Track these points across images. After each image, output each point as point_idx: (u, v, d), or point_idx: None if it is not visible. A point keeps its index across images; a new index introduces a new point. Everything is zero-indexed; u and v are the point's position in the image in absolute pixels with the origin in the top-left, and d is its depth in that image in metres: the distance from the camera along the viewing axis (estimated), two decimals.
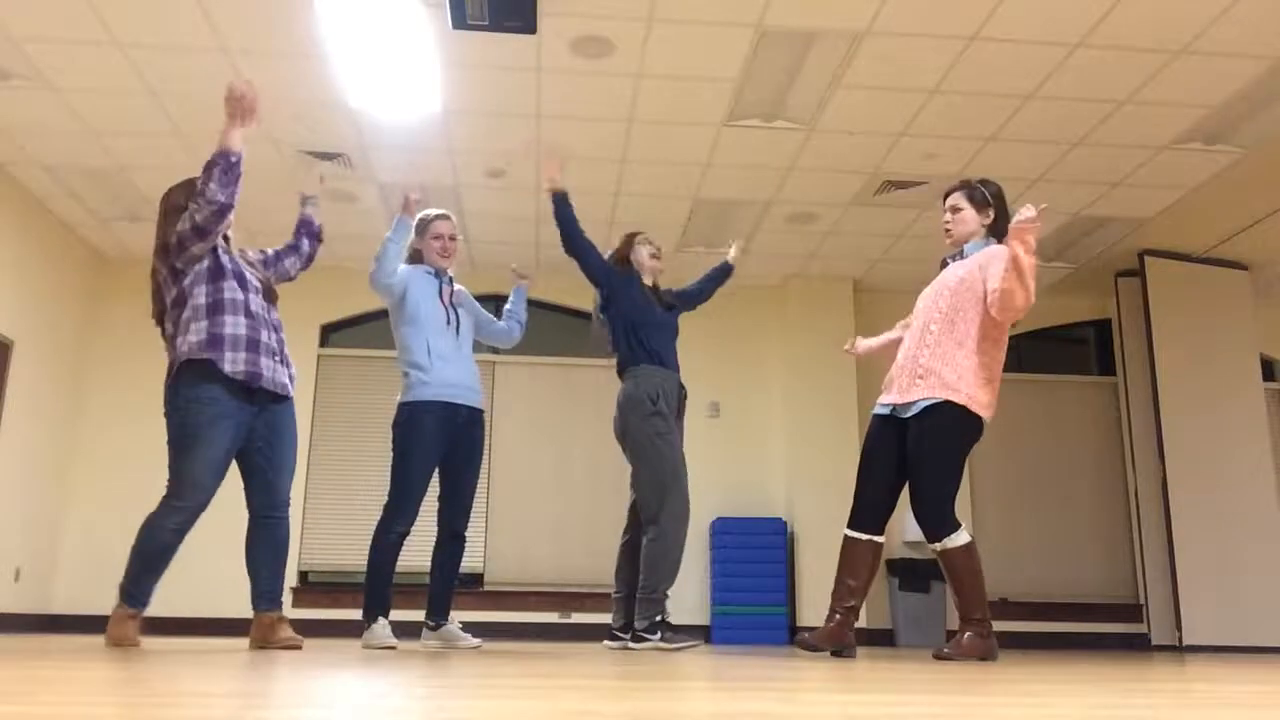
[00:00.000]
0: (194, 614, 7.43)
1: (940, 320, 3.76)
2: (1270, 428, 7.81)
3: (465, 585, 7.85)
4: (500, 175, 6.69)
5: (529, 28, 4.89)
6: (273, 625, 3.62)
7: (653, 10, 4.90)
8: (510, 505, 8.12)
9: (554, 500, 8.16)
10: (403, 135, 6.16)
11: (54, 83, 5.58)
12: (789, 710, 1.33)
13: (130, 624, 3.47)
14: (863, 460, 3.86)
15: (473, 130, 6.10)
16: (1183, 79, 5.40)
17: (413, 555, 7.87)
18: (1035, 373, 8.74)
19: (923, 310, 3.87)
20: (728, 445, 8.25)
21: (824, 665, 2.96)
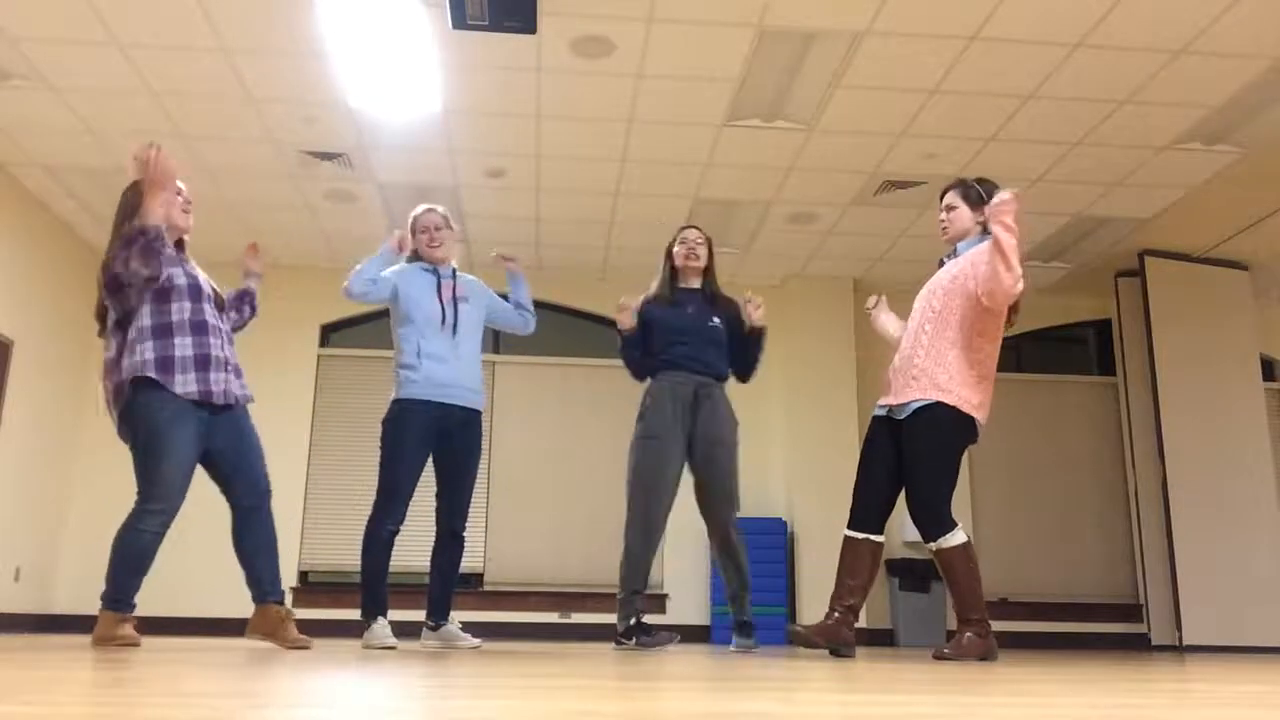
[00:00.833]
0: (194, 614, 7.44)
1: (933, 320, 3.77)
2: (1270, 428, 7.81)
3: (465, 585, 7.85)
4: (500, 175, 6.69)
5: (529, 28, 4.89)
6: (282, 621, 3.60)
7: (653, 10, 4.90)
8: (510, 505, 8.11)
9: (554, 500, 8.16)
10: (403, 135, 6.16)
11: (54, 83, 5.58)
12: (789, 710, 1.33)
13: (124, 624, 3.47)
14: (862, 461, 3.88)
15: (473, 130, 6.11)
16: (1183, 79, 5.40)
17: (413, 555, 7.88)
18: (1035, 373, 8.74)
19: (918, 311, 3.88)
20: None
21: (824, 665, 2.96)
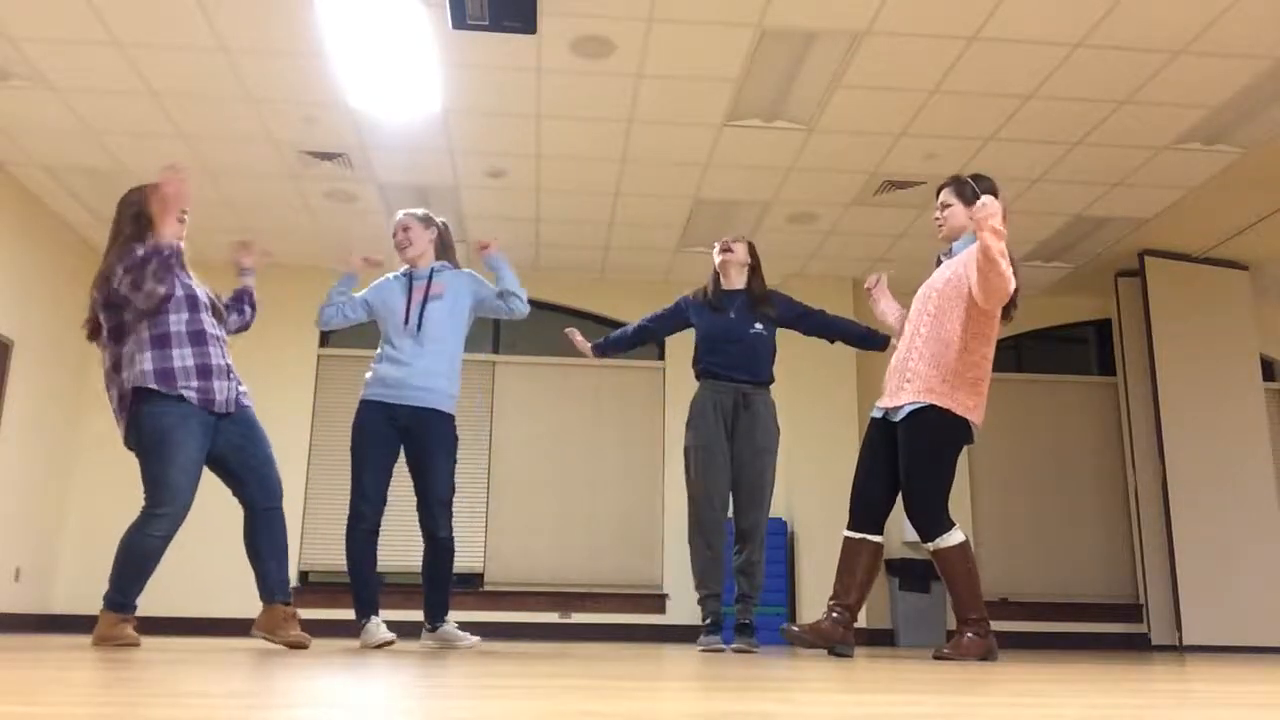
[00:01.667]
0: (194, 614, 7.44)
1: (928, 322, 3.78)
2: (1270, 428, 7.81)
3: (465, 585, 7.85)
4: (500, 175, 6.69)
5: (529, 28, 4.89)
6: (287, 619, 3.65)
7: (653, 10, 4.90)
8: (510, 505, 8.11)
9: (554, 500, 8.16)
10: (403, 135, 6.16)
11: (54, 83, 5.58)
12: (789, 710, 1.33)
13: (124, 625, 3.48)
14: (860, 463, 3.89)
15: (473, 130, 6.10)
16: (1183, 79, 5.40)
17: (413, 556, 7.86)
18: (1035, 373, 8.74)
19: (915, 312, 3.90)
20: None
21: (824, 665, 2.96)
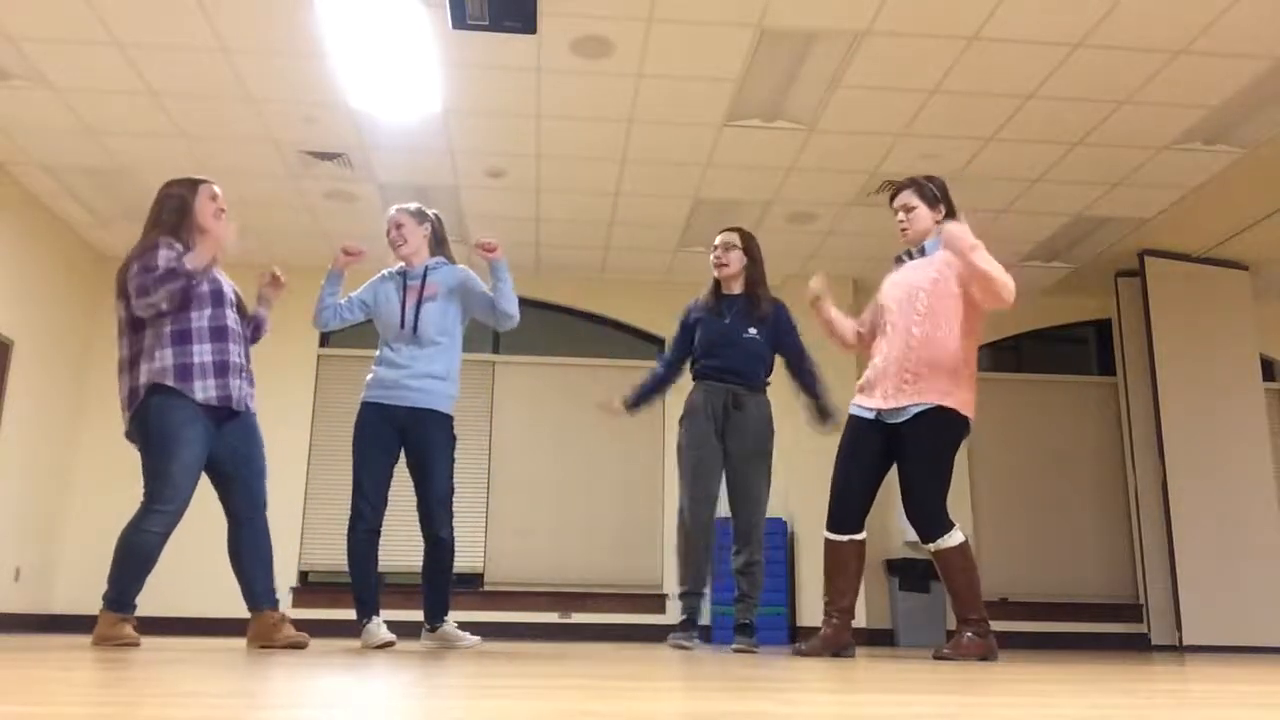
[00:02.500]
0: (194, 614, 7.44)
1: (920, 322, 3.73)
2: (1270, 428, 7.81)
3: (465, 585, 7.86)
4: (500, 175, 6.69)
5: (529, 28, 4.89)
6: (277, 625, 3.65)
7: (653, 10, 4.90)
8: (510, 505, 8.12)
9: (554, 500, 8.16)
10: (403, 135, 6.16)
11: (54, 83, 5.58)
12: (789, 710, 1.33)
13: (124, 625, 3.48)
14: (840, 463, 3.82)
15: (473, 130, 6.11)
16: (1183, 79, 5.40)
17: (413, 556, 7.87)
18: (1035, 373, 8.74)
19: (898, 312, 3.81)
20: None
21: (824, 665, 2.96)
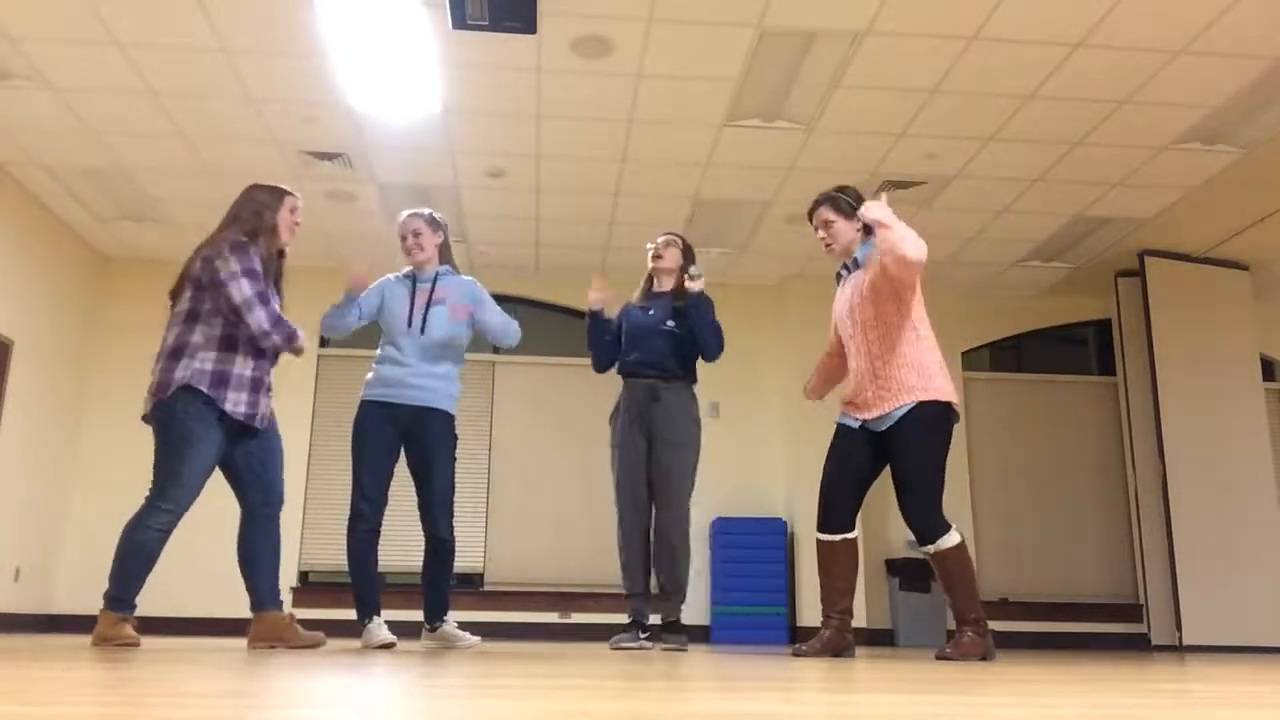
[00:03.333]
0: (194, 614, 7.44)
1: (872, 327, 3.74)
2: (1270, 428, 7.81)
3: (465, 585, 7.86)
4: (500, 175, 6.69)
5: (529, 28, 4.89)
6: (290, 625, 3.70)
7: (653, 10, 4.90)
8: (510, 505, 8.12)
9: (554, 500, 8.16)
10: (403, 135, 6.16)
11: (54, 83, 5.58)
12: (789, 710, 1.33)
13: (124, 624, 3.49)
14: (829, 466, 3.83)
15: (473, 130, 6.11)
16: (1183, 79, 5.40)
17: (413, 556, 7.88)
18: (1035, 373, 8.74)
19: (850, 325, 3.84)
20: (728, 445, 8.25)
21: (824, 665, 2.96)
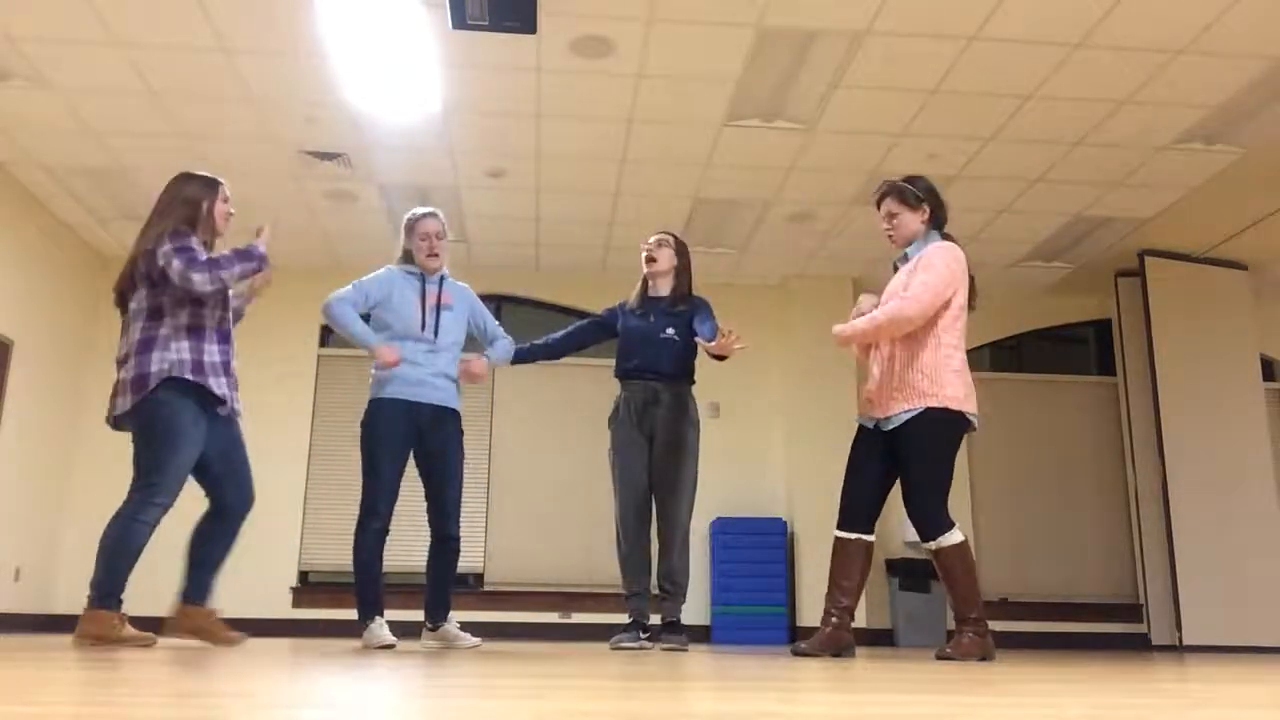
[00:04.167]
0: None
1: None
2: (1270, 428, 7.80)
3: (465, 585, 7.85)
4: (500, 175, 6.69)
5: (529, 28, 4.89)
6: (213, 620, 3.75)
7: (653, 10, 4.90)
8: (510, 505, 8.11)
9: (554, 500, 8.16)
10: (403, 135, 6.16)
11: (54, 83, 5.58)
12: (789, 710, 1.33)
13: (124, 623, 3.47)
14: (850, 465, 3.89)
15: (473, 130, 6.10)
16: (1183, 79, 5.40)
17: (412, 556, 7.88)
18: (1035, 373, 8.74)
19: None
20: (728, 445, 8.25)
21: (823, 665, 2.96)
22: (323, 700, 1.37)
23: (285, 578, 7.71)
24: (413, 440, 4.12)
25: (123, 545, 3.47)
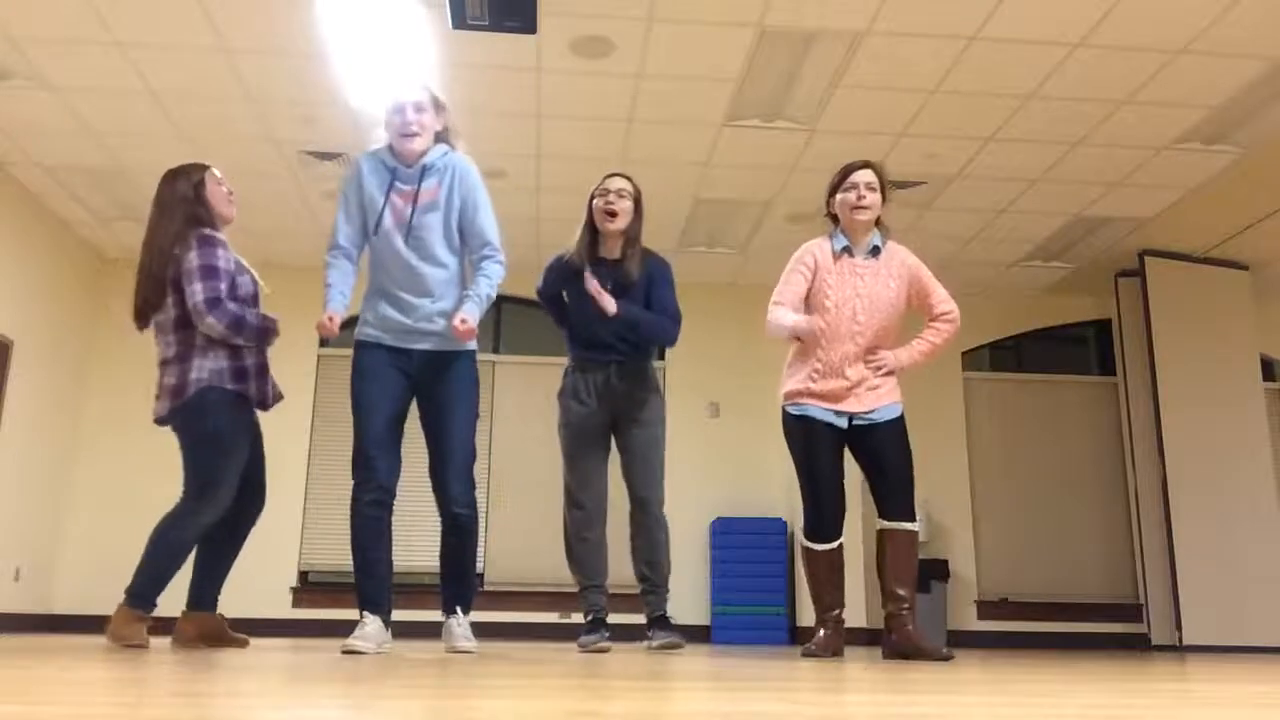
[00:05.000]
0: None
1: (884, 331, 3.81)
2: (1270, 428, 7.80)
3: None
4: (500, 175, 6.69)
5: (529, 28, 4.89)
6: (225, 628, 3.76)
7: (653, 10, 4.90)
8: (510, 505, 8.11)
9: (554, 500, 8.12)
10: None
11: (54, 83, 5.58)
12: (789, 710, 1.33)
13: (139, 625, 3.46)
14: (814, 472, 3.78)
15: (473, 130, 6.09)
16: (1183, 79, 5.40)
17: (413, 555, 7.87)
18: (1035, 373, 8.74)
19: (862, 316, 3.74)
20: (728, 445, 8.24)
21: (824, 665, 2.96)
22: (322, 700, 1.37)
23: (285, 578, 7.71)
24: (407, 391, 3.47)
25: (171, 551, 3.48)
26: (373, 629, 3.31)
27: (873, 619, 7.83)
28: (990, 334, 8.66)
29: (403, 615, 6.30)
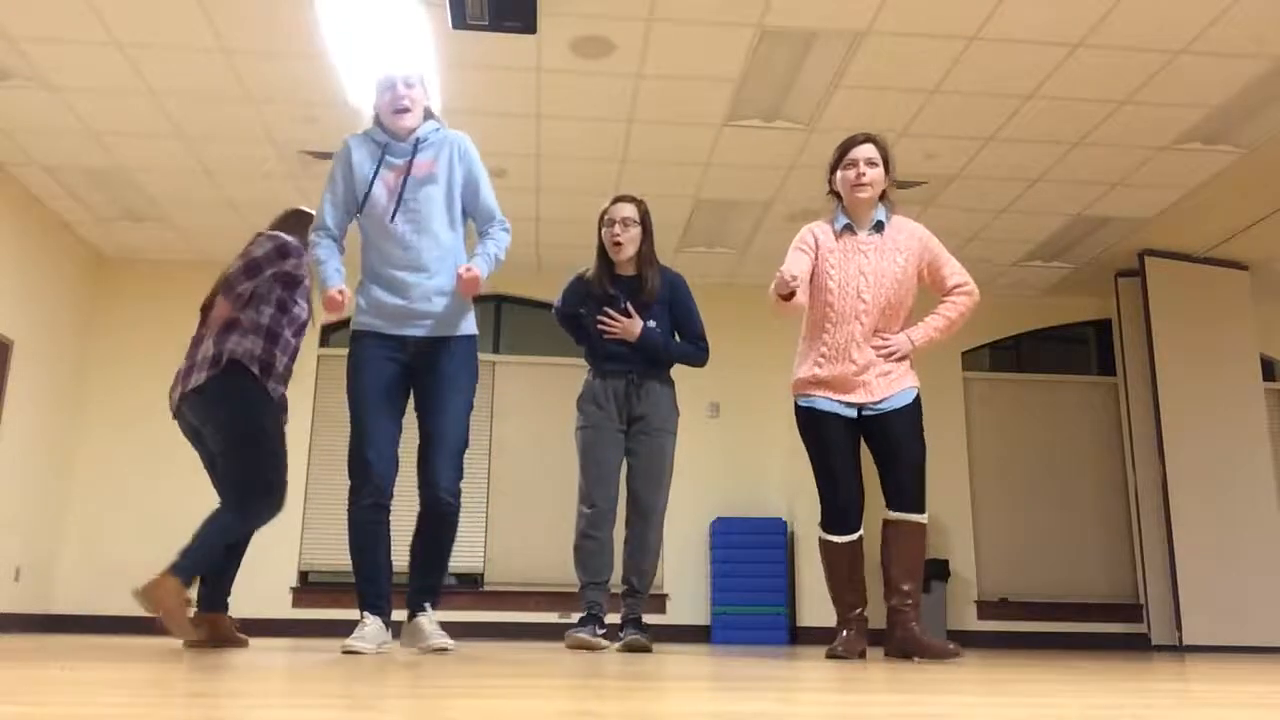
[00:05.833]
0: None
1: (877, 316, 3.63)
2: (1270, 428, 7.81)
3: (465, 585, 7.85)
4: (500, 175, 6.69)
5: (529, 28, 4.89)
6: (233, 629, 3.77)
7: (653, 10, 4.90)
8: (510, 505, 8.11)
9: (554, 500, 8.15)
10: None
11: (54, 83, 5.58)
12: (789, 710, 1.33)
13: (186, 595, 3.35)
14: (829, 463, 3.71)
15: (473, 130, 6.07)
16: (1183, 79, 5.40)
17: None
18: (1035, 373, 8.74)
19: (867, 295, 3.63)
20: (728, 445, 8.25)
21: (824, 665, 2.96)
22: (322, 700, 1.37)
23: (285, 578, 7.71)
24: (404, 384, 3.37)
25: (226, 542, 3.52)
26: (373, 629, 3.24)
27: (873, 619, 7.83)
28: (990, 334, 8.67)
29: (402, 615, 6.30)
